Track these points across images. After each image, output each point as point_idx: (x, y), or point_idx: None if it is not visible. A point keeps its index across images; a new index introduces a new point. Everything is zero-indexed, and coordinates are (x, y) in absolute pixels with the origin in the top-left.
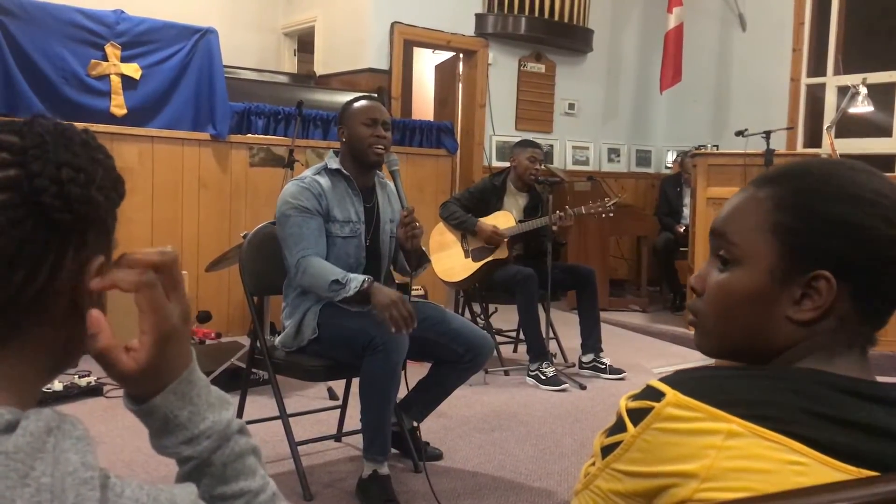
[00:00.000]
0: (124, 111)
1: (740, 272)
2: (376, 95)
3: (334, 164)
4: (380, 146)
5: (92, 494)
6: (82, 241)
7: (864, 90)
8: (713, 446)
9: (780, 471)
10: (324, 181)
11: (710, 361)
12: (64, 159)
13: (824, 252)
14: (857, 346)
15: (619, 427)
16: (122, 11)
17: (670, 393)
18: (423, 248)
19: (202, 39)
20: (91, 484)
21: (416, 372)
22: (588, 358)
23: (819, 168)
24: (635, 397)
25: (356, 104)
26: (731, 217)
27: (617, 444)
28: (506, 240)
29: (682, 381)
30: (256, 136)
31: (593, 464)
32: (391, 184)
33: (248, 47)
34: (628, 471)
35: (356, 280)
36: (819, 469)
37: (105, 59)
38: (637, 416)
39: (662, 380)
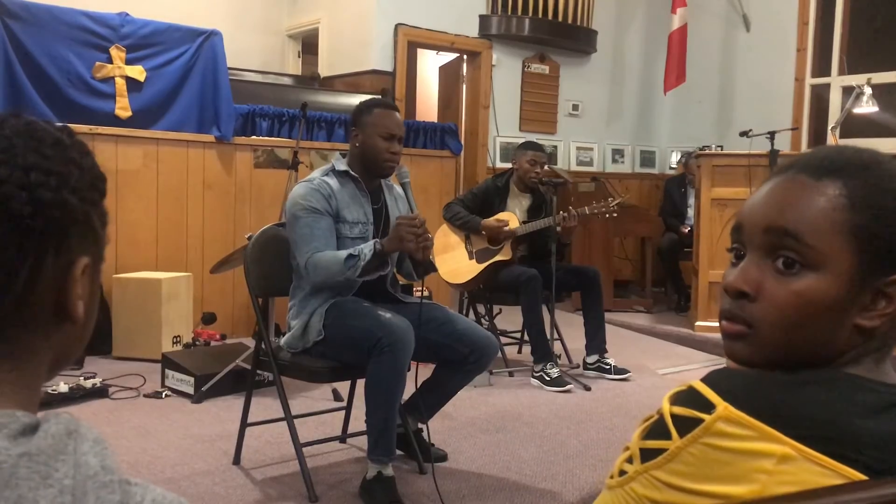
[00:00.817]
0: (129, 113)
1: (818, 278)
2: (394, 104)
3: (342, 165)
4: (393, 162)
5: (112, 498)
6: (62, 244)
7: (868, 90)
8: (764, 470)
9: None
10: (333, 182)
11: (713, 367)
12: (32, 162)
13: None
14: (891, 349)
15: (661, 431)
16: (127, 14)
17: (721, 406)
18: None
19: (206, 42)
20: (111, 488)
21: (421, 373)
22: (592, 359)
23: (876, 160)
24: (680, 401)
25: (377, 111)
26: (796, 214)
27: (659, 450)
28: (510, 241)
29: (733, 389)
30: (261, 137)
31: (629, 460)
32: (397, 186)
33: (253, 49)
34: (669, 482)
35: (367, 245)
36: None
37: (110, 61)
38: (683, 424)
39: (709, 384)
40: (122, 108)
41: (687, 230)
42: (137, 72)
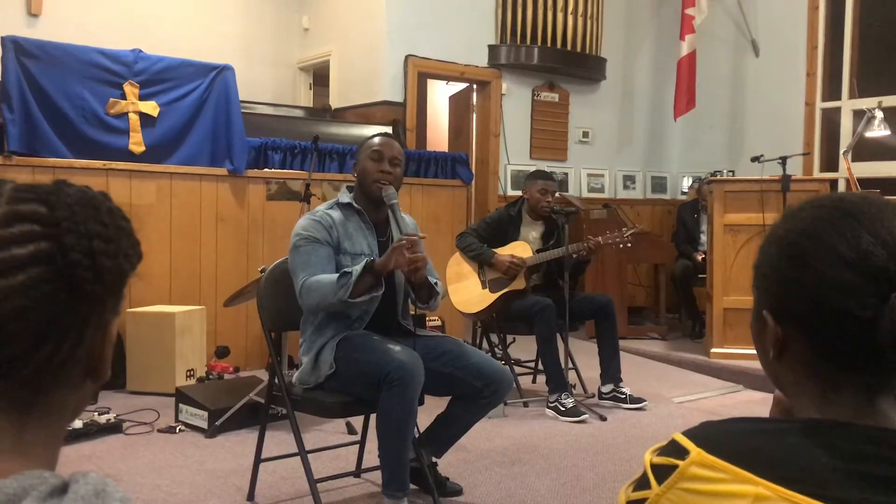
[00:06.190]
0: (143, 148)
1: None
2: (391, 132)
3: (346, 198)
4: (383, 181)
5: None
6: (104, 308)
7: (880, 114)
8: None
9: None
10: (336, 214)
11: (729, 394)
12: (94, 231)
13: None
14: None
15: (643, 483)
16: (140, 50)
17: (695, 451)
18: (434, 280)
19: (219, 76)
20: None
21: (434, 406)
22: (608, 388)
23: None
24: (660, 452)
25: (368, 140)
26: None
27: (642, 500)
28: (523, 270)
29: (708, 436)
30: (273, 170)
31: None
32: (406, 217)
33: (265, 82)
34: None
35: (359, 265)
36: None
37: (123, 97)
38: (661, 473)
39: (687, 434)
40: (136, 143)
41: (701, 257)
42: (151, 107)
